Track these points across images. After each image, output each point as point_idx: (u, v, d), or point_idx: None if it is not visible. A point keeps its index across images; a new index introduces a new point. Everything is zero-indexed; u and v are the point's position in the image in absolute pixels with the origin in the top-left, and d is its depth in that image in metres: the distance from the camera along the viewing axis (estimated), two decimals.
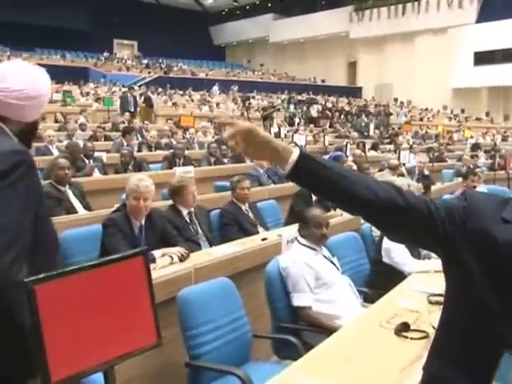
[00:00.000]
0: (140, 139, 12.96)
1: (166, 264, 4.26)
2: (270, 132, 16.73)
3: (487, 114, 32.05)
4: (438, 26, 33.83)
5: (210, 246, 5.39)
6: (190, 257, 4.52)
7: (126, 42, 47.09)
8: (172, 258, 4.36)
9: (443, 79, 33.63)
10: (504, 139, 22.26)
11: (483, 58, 33.19)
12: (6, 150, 1.99)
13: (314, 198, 6.92)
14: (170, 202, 5.75)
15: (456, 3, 33.69)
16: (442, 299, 3.53)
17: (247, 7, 48.22)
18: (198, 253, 4.88)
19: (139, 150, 11.63)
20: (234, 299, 3.72)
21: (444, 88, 34.10)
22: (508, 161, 11.68)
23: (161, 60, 41.79)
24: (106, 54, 41.84)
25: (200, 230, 5.54)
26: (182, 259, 4.41)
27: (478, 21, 32.95)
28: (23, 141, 2.21)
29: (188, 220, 5.52)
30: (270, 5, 46.39)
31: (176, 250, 4.48)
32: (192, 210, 5.60)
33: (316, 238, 4.25)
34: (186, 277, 4.03)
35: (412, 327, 3.12)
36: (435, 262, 4.65)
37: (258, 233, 5.99)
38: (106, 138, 13.06)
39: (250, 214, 6.30)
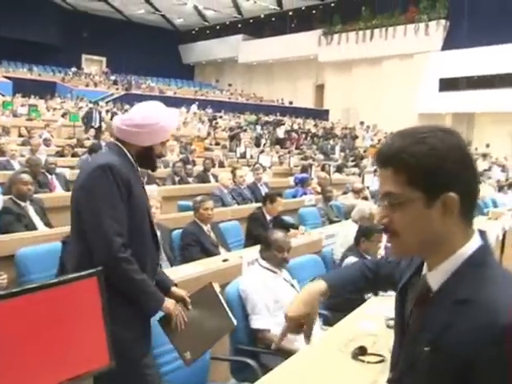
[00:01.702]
0: None
1: None
2: (236, 152, 16.74)
3: None
4: (405, 51, 34.32)
5: (171, 266, 5.34)
6: None
7: (94, 57, 46.98)
8: None
9: (409, 104, 34.06)
10: None
11: (448, 84, 33.70)
12: (93, 165, 2.74)
13: (269, 218, 6.96)
14: None
15: (422, 30, 34.27)
16: None
17: (217, 27, 48.56)
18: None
19: None
20: None
21: (409, 112, 34.49)
22: None
23: (129, 77, 41.68)
24: (73, 68, 41.62)
25: (161, 250, 5.48)
26: None
27: (444, 48, 33.55)
28: (141, 160, 2.88)
29: None
30: (239, 25, 46.74)
31: None
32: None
33: (277, 261, 4.25)
34: None
35: (369, 351, 3.10)
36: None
37: (219, 254, 5.96)
38: (74, 155, 12.93)
39: (212, 235, 6.25)
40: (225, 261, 5.12)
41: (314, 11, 41.88)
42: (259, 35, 44.84)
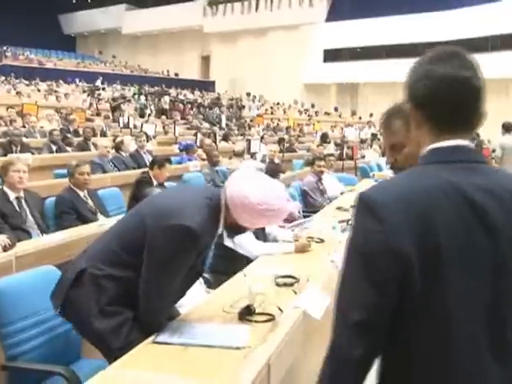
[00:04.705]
0: None
1: None
2: (119, 122, 16.17)
3: (336, 109, 33.13)
4: (290, 22, 34.46)
5: (42, 234, 4.89)
6: (17, 246, 4.03)
7: None
8: None
9: (295, 74, 34.36)
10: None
11: (332, 55, 34.28)
12: (182, 220, 2.51)
13: (156, 183, 6.63)
14: None
15: (307, 1, 34.51)
16: (289, 280, 3.37)
17: None
18: (26, 242, 4.39)
19: None
20: None
21: (295, 83, 34.86)
22: (355, 150, 11.99)
23: (5, 48, 39.48)
24: None
25: (30, 218, 5.03)
26: (5, 249, 3.91)
27: (328, 20, 33.93)
28: (230, 227, 2.77)
29: (16, 206, 4.98)
30: None
31: None
32: (22, 195, 5.06)
33: None
34: (5, 266, 3.56)
35: (257, 310, 2.88)
36: (282, 245, 4.48)
37: (97, 220, 5.56)
38: None
39: (90, 201, 5.84)
40: (101, 226, 4.72)
41: None
42: (143, 5, 43.69)
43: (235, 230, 2.84)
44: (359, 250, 1.38)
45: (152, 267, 2.58)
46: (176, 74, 40.22)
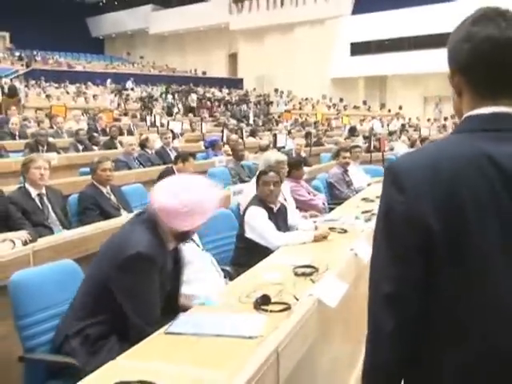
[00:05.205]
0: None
1: (7, 250, 3.78)
2: (146, 121, 16.23)
3: (364, 103, 32.87)
4: (316, 17, 34.20)
5: (63, 229, 4.91)
6: (38, 242, 4.04)
7: None
8: (14, 243, 3.87)
9: (322, 69, 34.15)
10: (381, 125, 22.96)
11: (359, 48, 33.99)
12: (135, 249, 2.66)
13: None
14: None
15: None
16: (307, 270, 3.32)
17: None
18: (47, 237, 4.39)
19: (1, 139, 10.87)
20: (79, 283, 3.29)
21: (323, 78, 34.64)
22: (382, 142, 11.85)
23: (35, 52, 39.93)
24: None
25: (53, 214, 5.04)
26: (26, 244, 3.93)
27: (354, 13, 33.63)
28: (176, 237, 2.88)
29: (38, 203, 5.00)
30: None
31: (20, 235, 3.99)
32: (43, 191, 5.09)
33: None
34: (23, 260, 3.57)
35: (274, 300, 2.83)
36: (302, 234, 4.41)
37: (120, 216, 5.56)
38: None
39: (113, 197, 5.85)
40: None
41: None
42: (168, 4, 43.77)
43: (183, 237, 2.93)
44: (384, 221, 1.39)
45: (126, 302, 2.72)
46: (204, 73, 40.32)
